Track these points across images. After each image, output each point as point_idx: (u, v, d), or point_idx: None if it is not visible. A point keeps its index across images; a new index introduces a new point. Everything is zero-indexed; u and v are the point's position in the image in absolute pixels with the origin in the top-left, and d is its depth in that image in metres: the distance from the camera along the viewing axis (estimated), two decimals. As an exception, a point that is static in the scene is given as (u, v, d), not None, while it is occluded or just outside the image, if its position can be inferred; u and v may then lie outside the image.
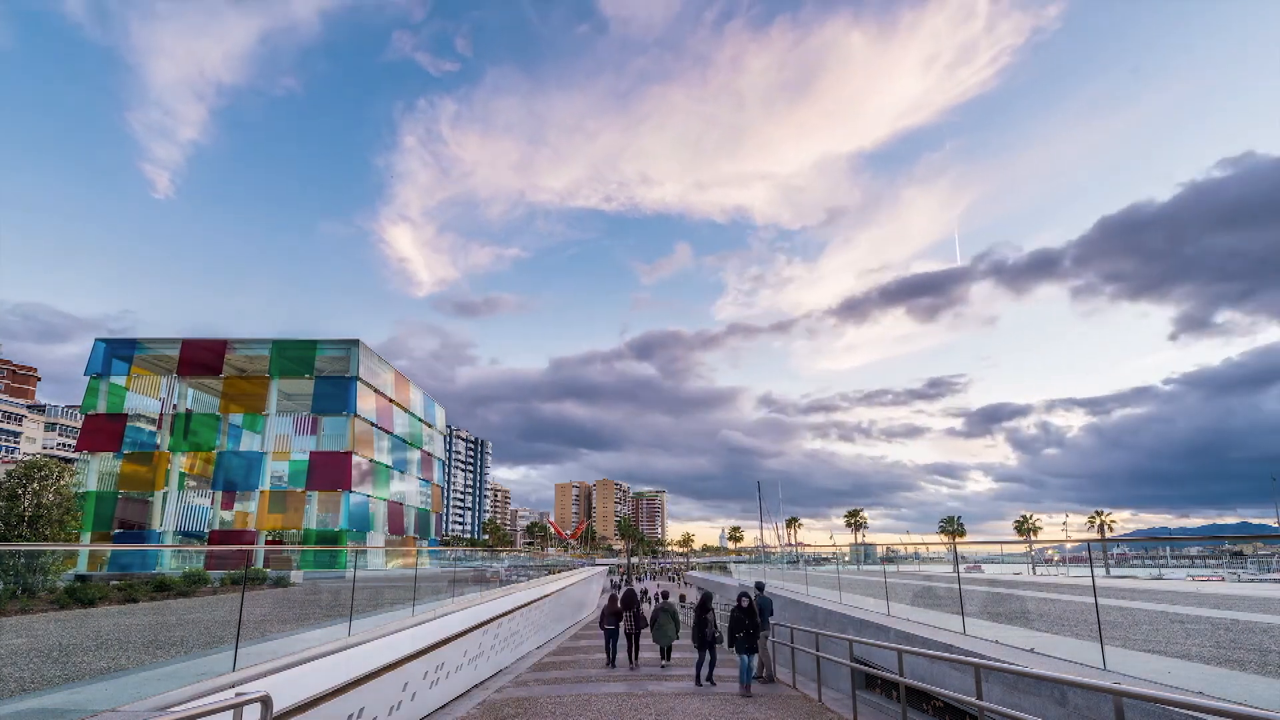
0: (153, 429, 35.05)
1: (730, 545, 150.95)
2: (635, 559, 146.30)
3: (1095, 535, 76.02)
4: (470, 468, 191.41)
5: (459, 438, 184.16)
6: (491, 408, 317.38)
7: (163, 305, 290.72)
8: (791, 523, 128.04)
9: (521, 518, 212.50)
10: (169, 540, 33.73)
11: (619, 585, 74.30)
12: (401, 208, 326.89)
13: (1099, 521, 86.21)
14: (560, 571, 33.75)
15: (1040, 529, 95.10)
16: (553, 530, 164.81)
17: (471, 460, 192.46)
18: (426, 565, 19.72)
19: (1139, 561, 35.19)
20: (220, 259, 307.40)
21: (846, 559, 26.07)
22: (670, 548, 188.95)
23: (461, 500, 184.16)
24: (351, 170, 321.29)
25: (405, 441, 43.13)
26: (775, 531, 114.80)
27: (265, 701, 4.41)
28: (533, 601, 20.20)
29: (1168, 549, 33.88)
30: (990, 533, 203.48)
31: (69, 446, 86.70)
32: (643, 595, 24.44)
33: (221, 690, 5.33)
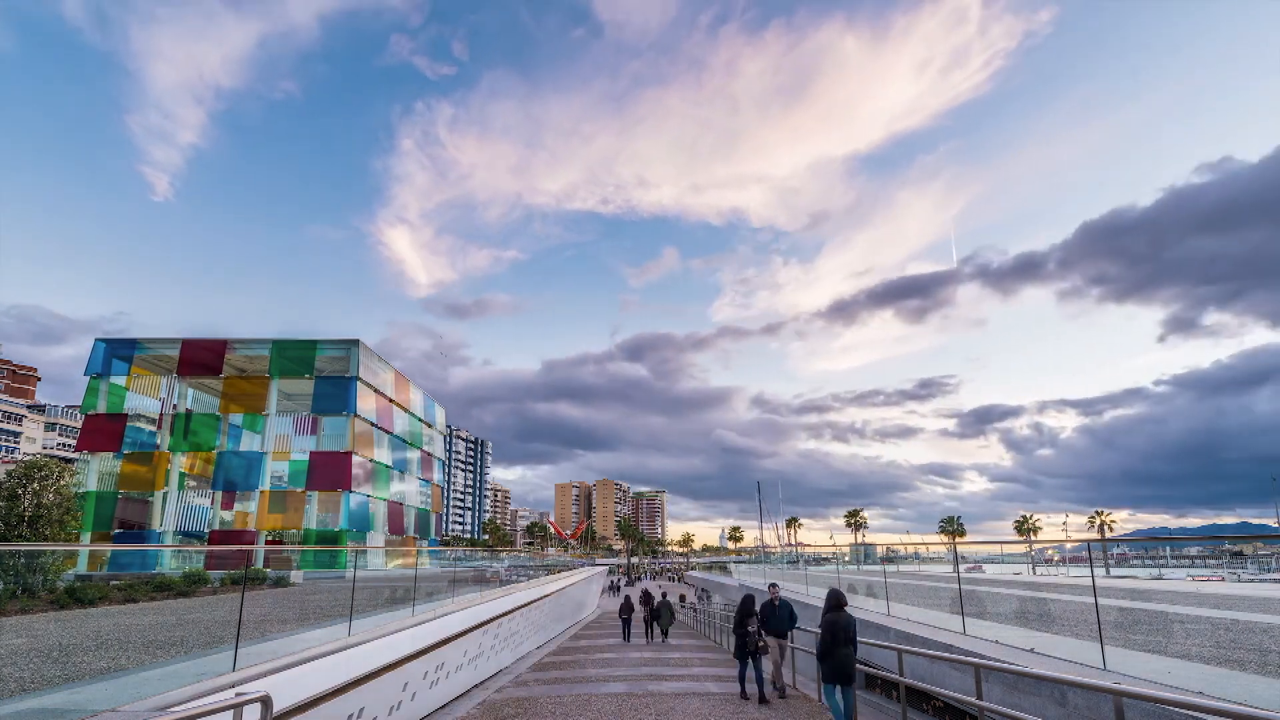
0: (153, 429, 35.04)
1: (730, 545, 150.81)
2: (635, 559, 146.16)
3: (1095, 535, 75.95)
4: (470, 468, 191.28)
5: (459, 438, 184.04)
6: (486, 409, 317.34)
7: (161, 307, 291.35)
8: (791, 523, 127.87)
9: (521, 518, 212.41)
10: (169, 540, 33.72)
11: (618, 586, 75.22)
12: (400, 210, 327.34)
13: (1099, 521, 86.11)
14: (560, 571, 33.72)
15: (1040, 529, 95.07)
16: (553, 530, 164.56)
17: (471, 460, 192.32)
18: (426, 565, 19.68)
19: (1139, 562, 35.18)
20: (219, 261, 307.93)
21: (846, 559, 26.07)
22: (670, 548, 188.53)
23: (461, 500, 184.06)
24: (350, 173, 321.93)
25: (405, 441, 43.12)
26: (775, 531, 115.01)
27: (265, 701, 4.42)
28: (533, 601, 20.20)
29: (1168, 549, 33.85)
30: (989, 533, 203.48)
31: (69, 446, 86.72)
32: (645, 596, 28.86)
33: (221, 690, 5.33)
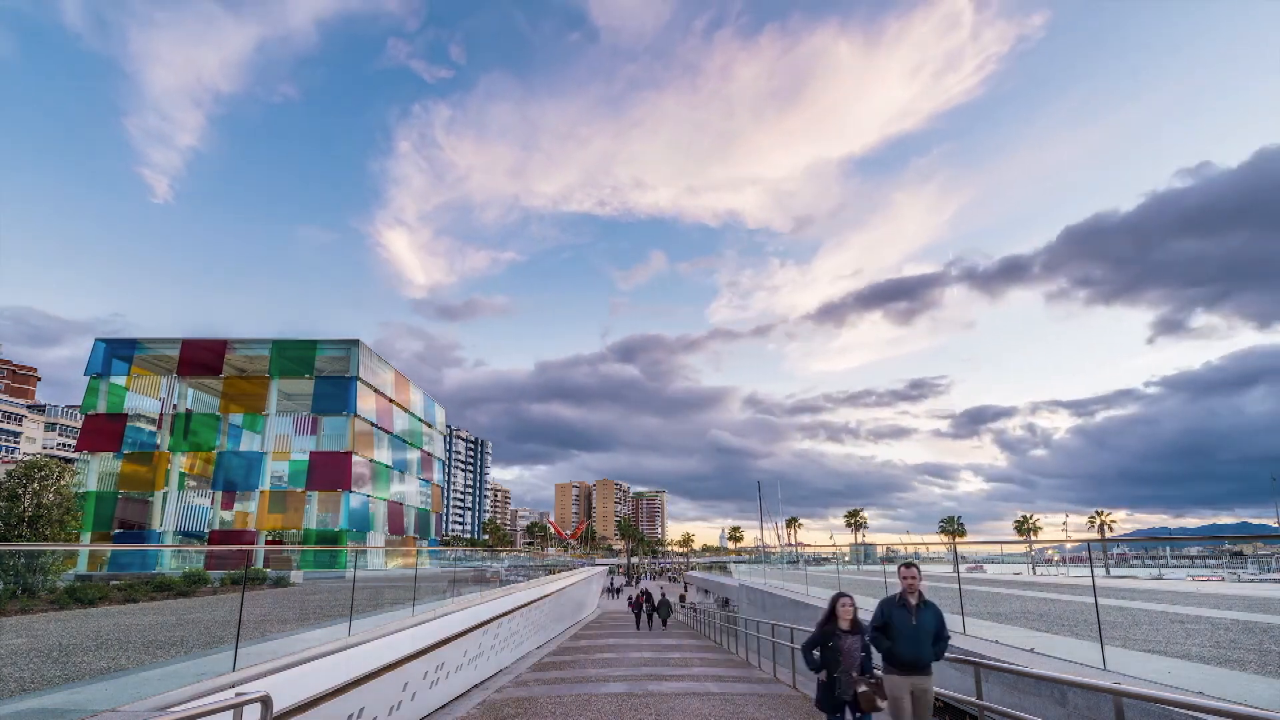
0: (153, 429, 35.03)
1: (730, 545, 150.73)
2: (635, 559, 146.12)
3: (1095, 535, 75.93)
4: (470, 468, 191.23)
5: (459, 438, 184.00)
6: (480, 409, 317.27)
7: (160, 307, 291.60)
8: (791, 523, 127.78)
9: (521, 518, 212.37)
10: (169, 540, 33.71)
11: (618, 589, 75.46)
12: (398, 212, 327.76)
13: (1099, 521, 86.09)
14: (560, 571, 33.71)
15: (1040, 529, 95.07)
16: (553, 530, 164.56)
17: (471, 460, 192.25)
18: (426, 565, 19.69)
19: (1139, 561, 35.21)
20: (218, 263, 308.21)
21: (847, 559, 26.09)
22: (670, 548, 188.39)
23: (461, 500, 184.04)
24: (348, 175, 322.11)
25: (405, 441, 43.11)
26: (775, 531, 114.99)
27: (265, 701, 4.41)
28: (533, 601, 20.19)
29: (1167, 549, 33.88)
30: (989, 533, 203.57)
31: (69, 446, 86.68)
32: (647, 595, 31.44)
33: (221, 690, 5.32)
